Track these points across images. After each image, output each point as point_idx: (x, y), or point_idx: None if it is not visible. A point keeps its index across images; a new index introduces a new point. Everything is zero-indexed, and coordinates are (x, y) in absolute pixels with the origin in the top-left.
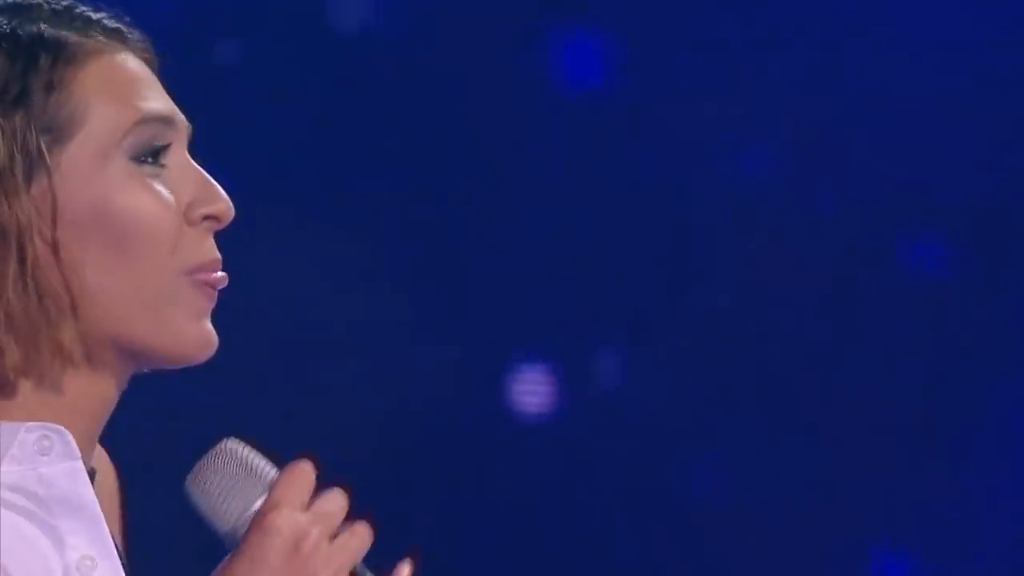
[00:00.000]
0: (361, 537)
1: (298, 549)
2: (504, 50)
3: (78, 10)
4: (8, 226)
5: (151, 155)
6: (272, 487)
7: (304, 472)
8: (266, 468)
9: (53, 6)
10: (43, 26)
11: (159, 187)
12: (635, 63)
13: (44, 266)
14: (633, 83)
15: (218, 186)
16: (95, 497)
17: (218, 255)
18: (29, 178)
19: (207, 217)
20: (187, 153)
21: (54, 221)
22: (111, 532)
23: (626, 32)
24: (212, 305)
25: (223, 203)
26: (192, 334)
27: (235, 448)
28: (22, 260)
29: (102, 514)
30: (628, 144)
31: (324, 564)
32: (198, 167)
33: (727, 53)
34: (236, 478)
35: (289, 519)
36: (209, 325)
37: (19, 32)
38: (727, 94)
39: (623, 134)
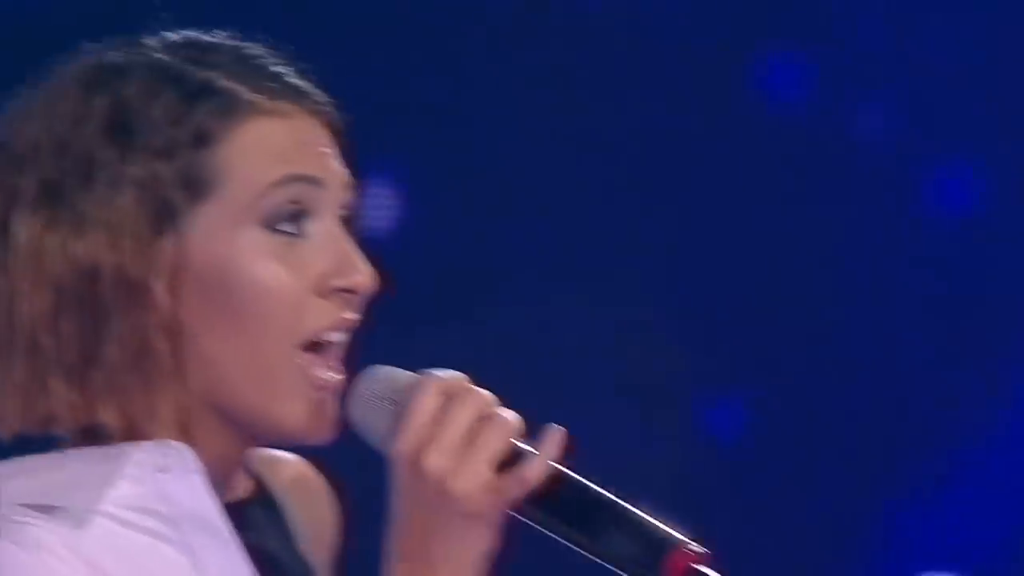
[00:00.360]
0: (500, 426)
1: (419, 465)
2: (711, 67)
3: (261, 60)
4: (125, 278)
5: (287, 220)
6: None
7: (431, 385)
8: (408, 388)
9: (238, 51)
10: (215, 74)
11: (289, 257)
12: (838, 81)
13: (153, 326)
14: (836, 102)
15: (360, 257)
16: (221, 511)
17: (347, 317)
18: (159, 232)
19: (342, 290)
20: (336, 220)
21: (175, 280)
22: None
23: (828, 50)
24: (329, 387)
25: (360, 276)
26: (300, 415)
27: (379, 375)
28: (130, 316)
29: (229, 528)
30: (830, 164)
31: (457, 467)
32: (343, 235)
33: (936, 74)
34: (380, 405)
35: (404, 440)
36: (325, 408)
37: (189, 76)
38: (934, 116)
39: (825, 152)
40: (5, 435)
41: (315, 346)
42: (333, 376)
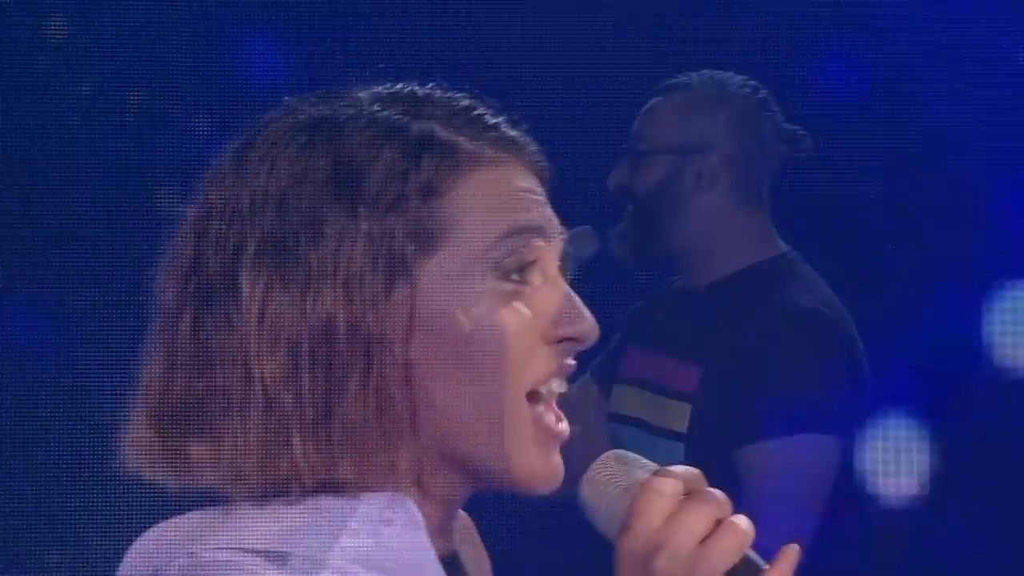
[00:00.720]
0: (734, 534)
1: (648, 565)
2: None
3: (477, 112)
4: (360, 334)
5: (515, 270)
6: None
7: (668, 482)
8: (638, 480)
9: (453, 103)
10: (436, 126)
11: (518, 305)
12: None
13: (390, 380)
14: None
15: (583, 306)
16: (439, 567)
17: (569, 364)
18: (390, 286)
19: (566, 339)
20: (557, 269)
21: (408, 334)
22: None
23: (895, 37)
24: (561, 436)
25: (586, 325)
26: (532, 464)
27: (617, 460)
28: (368, 371)
29: None
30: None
31: (686, 573)
32: (565, 284)
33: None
34: (614, 493)
35: (635, 537)
36: (554, 458)
37: (411, 128)
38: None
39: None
40: (241, 494)
41: (535, 395)
42: (563, 427)
